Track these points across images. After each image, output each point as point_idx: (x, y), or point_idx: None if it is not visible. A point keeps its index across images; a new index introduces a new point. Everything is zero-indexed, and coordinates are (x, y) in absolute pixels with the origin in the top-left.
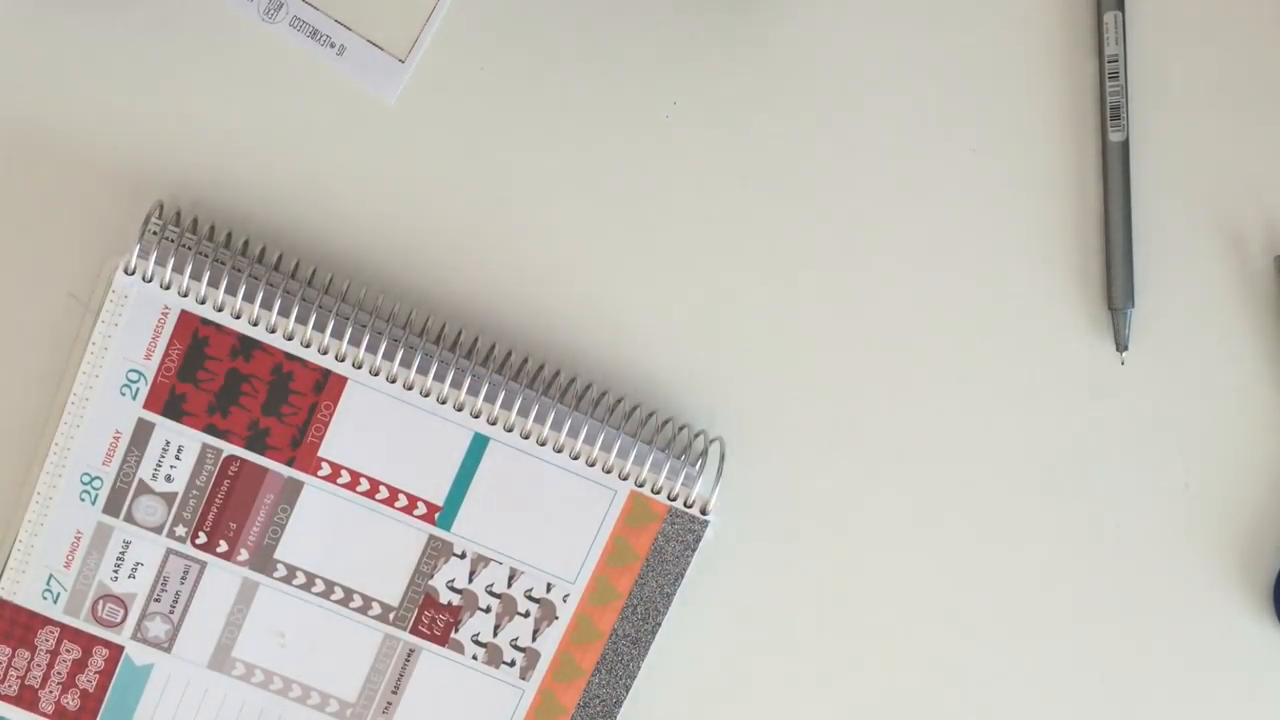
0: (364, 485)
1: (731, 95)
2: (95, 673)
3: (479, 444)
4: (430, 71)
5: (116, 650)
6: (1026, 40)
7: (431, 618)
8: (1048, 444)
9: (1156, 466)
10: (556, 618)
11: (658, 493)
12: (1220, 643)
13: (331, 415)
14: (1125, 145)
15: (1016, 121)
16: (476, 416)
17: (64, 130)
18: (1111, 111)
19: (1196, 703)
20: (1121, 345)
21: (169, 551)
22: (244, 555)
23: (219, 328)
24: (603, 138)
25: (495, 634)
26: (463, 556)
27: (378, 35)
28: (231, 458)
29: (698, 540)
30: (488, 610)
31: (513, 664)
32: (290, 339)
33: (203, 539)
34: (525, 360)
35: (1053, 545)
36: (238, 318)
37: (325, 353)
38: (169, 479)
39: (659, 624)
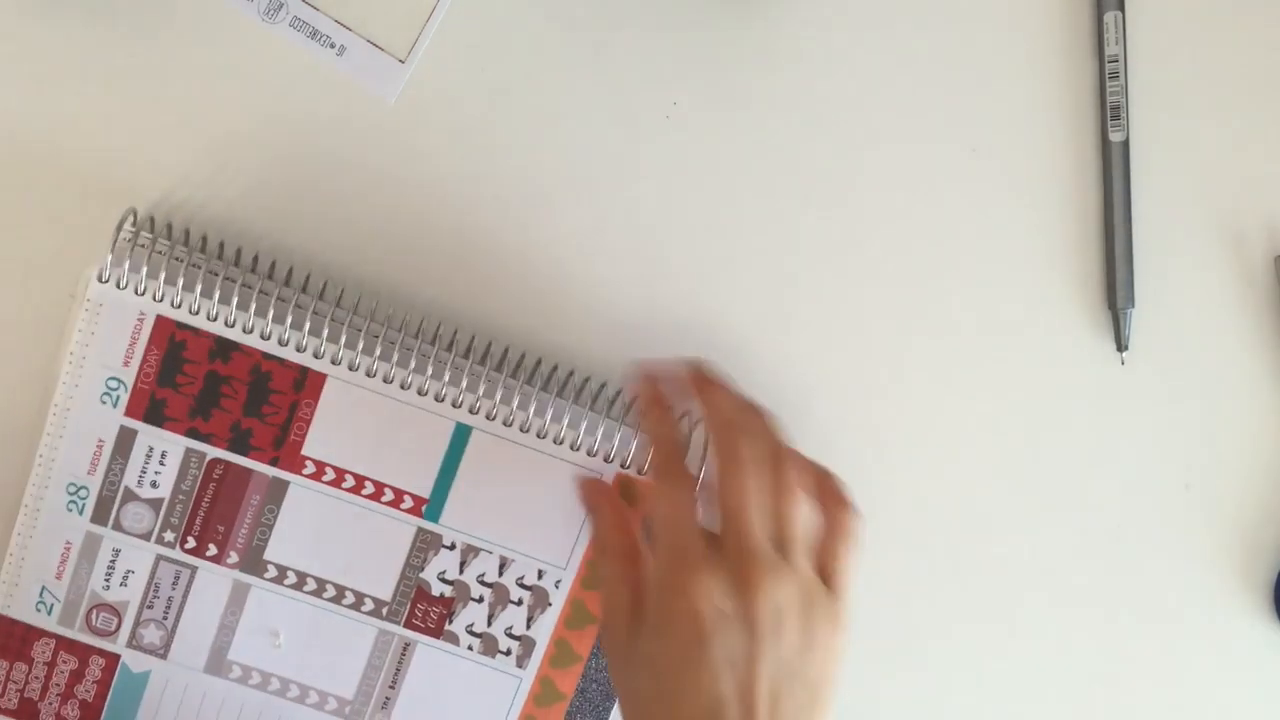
0: (349, 481)
1: (732, 95)
2: (93, 682)
3: (462, 434)
4: (430, 71)
5: (113, 659)
6: (1026, 40)
7: (425, 610)
8: (1048, 444)
9: (1156, 467)
10: (550, 604)
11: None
12: (1220, 643)
13: (313, 413)
14: (1125, 145)
15: (1016, 121)
16: (457, 406)
17: (63, 131)
18: (1111, 111)
19: (1197, 702)
20: (1121, 345)
21: (159, 557)
22: (234, 558)
23: (195, 331)
24: (603, 138)
25: (489, 623)
26: (452, 548)
27: (378, 35)
28: (215, 460)
29: None
30: (480, 600)
31: (509, 652)
32: (267, 338)
33: (192, 543)
34: (506, 350)
35: (1052, 545)
36: (213, 320)
37: (302, 350)
38: (154, 485)
39: None
